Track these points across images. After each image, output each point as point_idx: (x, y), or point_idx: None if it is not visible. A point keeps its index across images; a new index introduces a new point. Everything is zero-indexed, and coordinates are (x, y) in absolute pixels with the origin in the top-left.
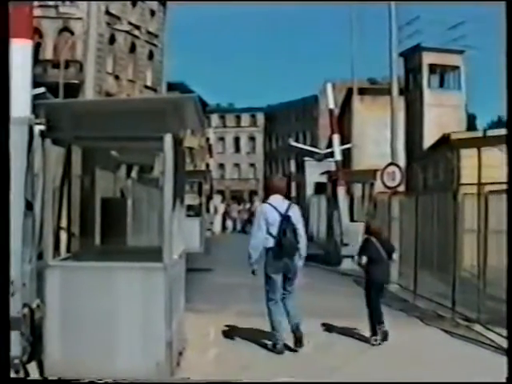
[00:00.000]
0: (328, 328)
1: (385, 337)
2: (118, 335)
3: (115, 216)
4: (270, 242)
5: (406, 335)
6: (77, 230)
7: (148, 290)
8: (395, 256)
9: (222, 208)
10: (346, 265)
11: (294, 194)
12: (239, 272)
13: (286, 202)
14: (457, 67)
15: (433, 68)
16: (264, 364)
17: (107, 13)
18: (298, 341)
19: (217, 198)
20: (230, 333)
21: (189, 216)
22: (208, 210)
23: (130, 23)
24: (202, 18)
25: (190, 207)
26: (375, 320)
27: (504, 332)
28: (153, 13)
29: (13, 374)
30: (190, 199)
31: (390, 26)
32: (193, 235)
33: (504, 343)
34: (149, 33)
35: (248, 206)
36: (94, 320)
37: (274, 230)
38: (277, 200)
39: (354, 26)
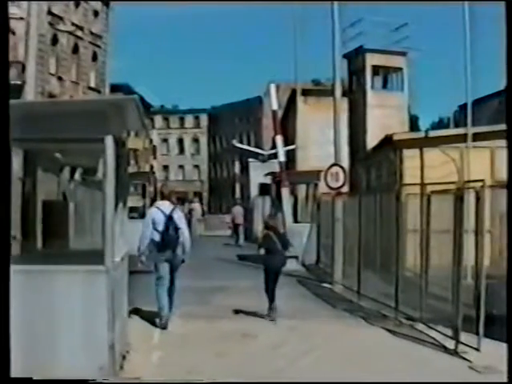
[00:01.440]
0: (273, 328)
1: (273, 314)
2: (60, 338)
3: (57, 219)
4: (157, 237)
5: (350, 335)
6: (18, 233)
7: (90, 293)
8: (291, 248)
9: None
10: (290, 265)
11: (238, 195)
12: (184, 274)
13: (171, 206)
14: (400, 69)
15: (376, 69)
16: (209, 366)
17: (49, 13)
18: (166, 322)
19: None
20: (174, 335)
21: (132, 218)
22: None
23: (73, 24)
24: (146, 19)
25: (133, 209)
26: (270, 300)
27: (445, 330)
28: (96, 13)
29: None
30: (134, 201)
31: (333, 27)
32: (136, 237)
33: (445, 341)
34: (92, 34)
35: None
36: (36, 323)
37: (160, 228)
38: (164, 204)
39: (298, 27)
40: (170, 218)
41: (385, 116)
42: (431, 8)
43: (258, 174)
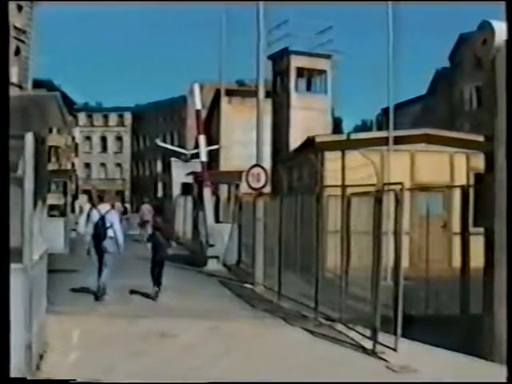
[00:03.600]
0: (193, 328)
1: (156, 295)
2: None
3: None
4: (92, 231)
5: (270, 335)
6: None
7: None
8: (173, 243)
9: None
10: (212, 265)
11: (160, 194)
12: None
13: (108, 208)
14: (324, 71)
15: (300, 71)
16: (127, 366)
17: None
18: (101, 296)
19: (82, 198)
20: (94, 335)
21: (53, 216)
22: (73, 210)
23: None
24: (71, 15)
25: (54, 207)
26: (155, 284)
27: (364, 331)
28: (20, 8)
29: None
30: (55, 199)
31: (258, 28)
32: (57, 235)
33: (364, 341)
34: (16, 28)
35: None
36: None
37: (95, 225)
38: (102, 207)
39: (223, 28)
40: (102, 218)
41: (308, 118)
42: (356, 11)
43: (181, 174)
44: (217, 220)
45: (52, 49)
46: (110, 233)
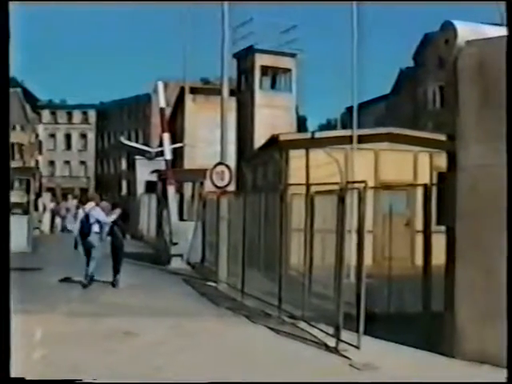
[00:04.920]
0: (156, 327)
1: (116, 283)
2: None
3: None
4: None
5: (233, 333)
6: None
7: None
8: (127, 235)
9: (51, 206)
10: (176, 264)
11: (124, 192)
12: (70, 271)
13: (92, 206)
14: (288, 70)
15: (265, 70)
16: (92, 365)
17: None
18: (88, 285)
19: (46, 196)
20: (57, 334)
21: (15, 214)
22: (36, 208)
23: None
24: (35, 11)
25: (17, 205)
26: (116, 273)
27: (327, 328)
28: None
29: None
30: (18, 197)
31: (222, 26)
32: (19, 234)
33: (327, 339)
34: None
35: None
36: None
37: (79, 221)
38: (88, 205)
39: (188, 25)
40: (86, 215)
41: (273, 116)
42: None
43: (145, 172)
44: (181, 218)
45: (16, 45)
46: (94, 228)
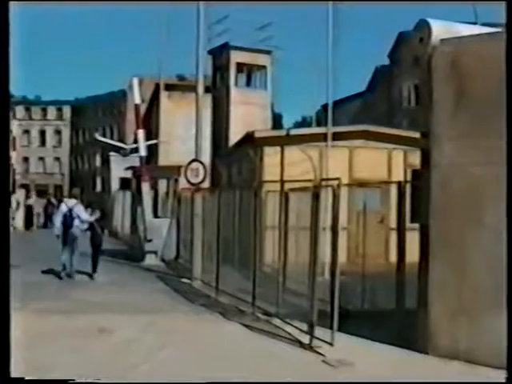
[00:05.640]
0: (130, 324)
1: (94, 276)
2: None
3: None
4: (61, 221)
5: (208, 330)
6: None
7: None
8: (105, 230)
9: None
10: (150, 260)
11: (99, 188)
12: (43, 269)
13: (74, 202)
14: (264, 67)
15: (240, 67)
16: (63, 362)
17: None
18: (72, 276)
19: (20, 193)
20: (29, 332)
21: None
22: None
23: None
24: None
25: None
26: (94, 267)
27: (301, 325)
28: None
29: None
30: None
31: (198, 23)
32: None
33: (301, 336)
34: None
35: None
36: None
37: (62, 216)
38: (69, 201)
39: (163, 22)
40: (70, 210)
41: (248, 113)
42: (297, 7)
43: (120, 168)
44: (155, 215)
45: None
46: (76, 222)
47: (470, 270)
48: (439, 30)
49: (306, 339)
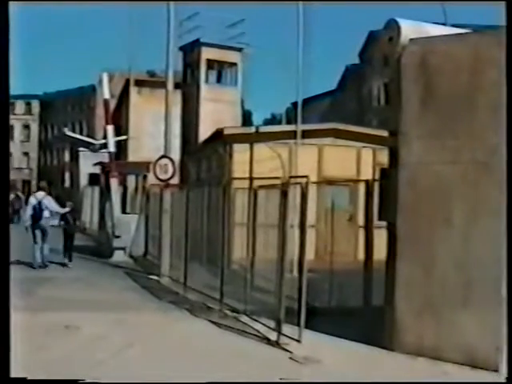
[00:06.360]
0: (97, 321)
1: (66, 264)
2: None
3: None
4: (30, 214)
5: (175, 327)
6: None
7: None
8: (78, 222)
9: None
10: (118, 257)
11: (67, 184)
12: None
13: (43, 195)
14: (234, 64)
15: (211, 64)
16: (29, 360)
17: None
18: (44, 266)
19: None
20: None
21: None
22: None
23: None
24: None
25: None
26: (65, 255)
27: (269, 322)
28: None
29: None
30: None
31: (168, 19)
32: None
33: (268, 333)
34: None
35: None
36: None
37: (32, 208)
38: (38, 193)
39: (134, 17)
40: (39, 203)
41: (218, 110)
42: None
43: (88, 164)
44: (124, 211)
45: None
46: (45, 214)
47: (436, 267)
48: (408, 29)
49: (273, 336)
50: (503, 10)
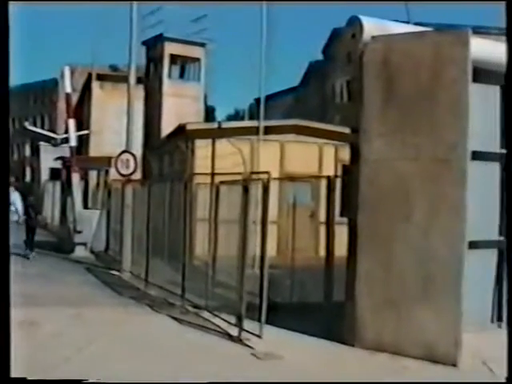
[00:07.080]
0: (57, 316)
1: (28, 256)
2: None
3: None
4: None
5: (136, 323)
6: None
7: None
8: (39, 217)
9: None
10: (79, 252)
11: (28, 178)
12: None
13: (11, 190)
14: (197, 59)
15: (174, 59)
16: None
17: None
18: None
19: None
20: None
21: None
22: None
23: None
24: None
25: None
26: (27, 248)
27: (230, 318)
28: None
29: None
30: None
31: (131, 13)
32: None
33: (230, 329)
34: None
35: None
36: None
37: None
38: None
39: (98, 11)
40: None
41: (180, 105)
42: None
43: (50, 158)
44: (85, 206)
45: None
46: (11, 208)
47: (396, 264)
48: (371, 27)
49: (234, 332)
50: (503, 10)
